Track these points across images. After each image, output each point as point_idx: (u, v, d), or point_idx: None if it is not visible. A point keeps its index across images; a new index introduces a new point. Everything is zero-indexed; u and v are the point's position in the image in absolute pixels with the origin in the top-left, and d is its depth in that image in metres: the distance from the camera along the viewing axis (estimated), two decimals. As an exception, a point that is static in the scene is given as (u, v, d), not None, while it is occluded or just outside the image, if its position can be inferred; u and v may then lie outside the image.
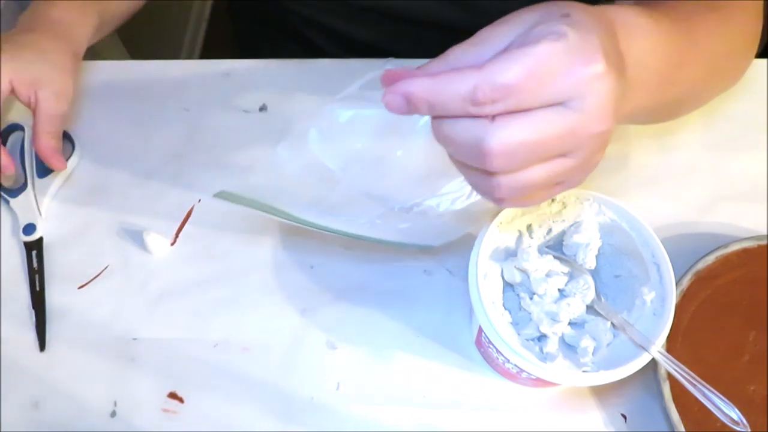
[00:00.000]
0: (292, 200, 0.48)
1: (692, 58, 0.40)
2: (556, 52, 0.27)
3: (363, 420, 0.49)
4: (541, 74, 0.27)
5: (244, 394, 0.50)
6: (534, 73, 0.27)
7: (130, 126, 0.61)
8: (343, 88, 0.49)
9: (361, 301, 0.52)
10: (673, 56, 0.37)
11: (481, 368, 0.50)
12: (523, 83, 0.27)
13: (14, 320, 0.52)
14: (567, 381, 0.41)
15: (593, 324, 0.43)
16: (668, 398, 0.46)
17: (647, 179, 0.57)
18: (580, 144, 0.30)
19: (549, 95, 0.28)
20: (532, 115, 0.28)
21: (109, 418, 0.49)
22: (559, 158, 0.30)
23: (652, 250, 0.43)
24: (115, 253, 0.55)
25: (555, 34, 0.27)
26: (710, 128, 0.59)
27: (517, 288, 0.46)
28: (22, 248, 0.55)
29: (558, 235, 0.47)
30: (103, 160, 0.59)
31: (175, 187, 0.58)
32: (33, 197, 0.56)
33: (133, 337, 0.52)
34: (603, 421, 0.48)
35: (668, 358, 0.40)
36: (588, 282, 0.44)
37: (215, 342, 0.51)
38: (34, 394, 0.50)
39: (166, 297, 0.53)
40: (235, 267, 0.54)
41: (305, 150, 0.51)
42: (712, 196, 0.56)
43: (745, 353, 0.48)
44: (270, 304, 0.53)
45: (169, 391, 0.50)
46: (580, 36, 0.28)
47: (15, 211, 0.56)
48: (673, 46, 0.37)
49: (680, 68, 0.39)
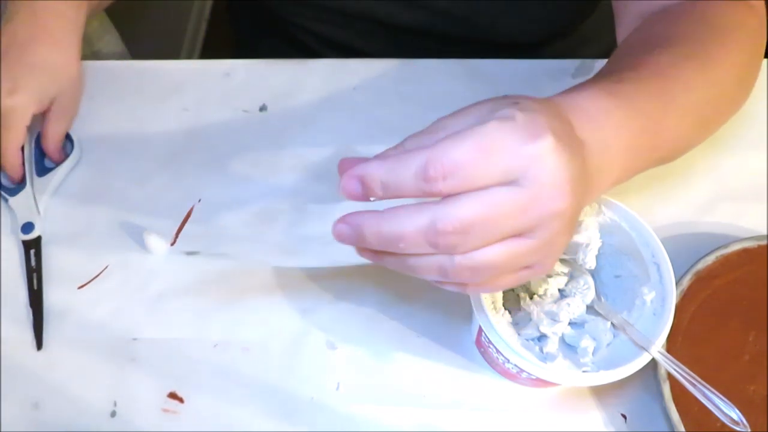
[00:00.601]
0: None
1: (671, 119, 0.39)
2: (504, 130, 0.28)
3: (363, 420, 0.49)
4: (490, 151, 0.27)
5: (244, 394, 0.50)
6: (482, 149, 0.27)
7: (130, 126, 0.60)
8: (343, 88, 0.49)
9: (361, 301, 0.52)
10: (646, 126, 0.37)
11: (481, 368, 0.50)
12: (472, 159, 0.27)
13: (14, 320, 0.52)
14: (567, 381, 0.41)
15: (593, 324, 0.43)
16: (668, 398, 0.46)
17: (647, 179, 0.57)
18: (535, 223, 0.29)
19: (499, 172, 0.28)
20: (482, 192, 0.28)
21: (109, 418, 0.49)
22: (516, 238, 0.29)
23: (652, 250, 0.43)
24: (115, 253, 0.55)
25: (504, 115, 0.28)
26: (710, 128, 0.59)
27: (517, 288, 0.46)
28: (20, 247, 0.55)
29: (558, 235, 0.47)
30: (103, 160, 0.59)
31: (175, 187, 0.58)
32: (32, 195, 0.56)
33: (133, 337, 0.52)
34: (603, 421, 0.48)
35: (668, 358, 0.40)
36: (588, 282, 0.44)
37: (215, 342, 0.51)
38: (34, 394, 0.50)
39: (166, 297, 0.53)
40: (235, 267, 0.54)
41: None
42: (712, 196, 0.56)
43: (745, 353, 0.48)
44: (270, 304, 0.53)
45: (169, 391, 0.50)
46: (527, 116, 0.28)
47: (14, 210, 0.56)
48: (643, 117, 0.36)
49: (658, 134, 0.39)
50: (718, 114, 0.46)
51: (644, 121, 0.37)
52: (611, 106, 0.35)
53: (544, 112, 0.29)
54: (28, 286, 0.53)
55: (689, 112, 0.41)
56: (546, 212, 0.29)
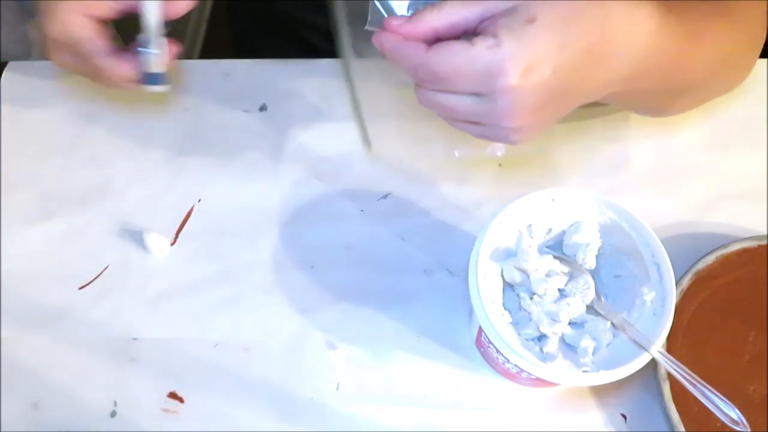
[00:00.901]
0: None
1: (695, 59, 0.42)
2: (482, 58, 0.33)
3: (363, 420, 0.49)
4: (465, 72, 0.34)
5: (244, 394, 0.50)
6: (459, 70, 0.34)
7: (131, 126, 0.61)
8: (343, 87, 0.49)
9: (361, 301, 0.52)
10: (677, 54, 0.40)
11: (481, 368, 0.50)
12: (448, 75, 0.35)
13: (14, 320, 0.52)
14: (567, 381, 0.41)
15: (593, 324, 0.43)
16: (668, 398, 0.46)
17: (647, 179, 0.57)
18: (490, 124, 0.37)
19: (470, 88, 0.35)
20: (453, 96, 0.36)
21: (109, 418, 0.49)
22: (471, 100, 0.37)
23: (652, 250, 0.43)
24: (115, 253, 0.55)
25: (492, 42, 0.33)
26: (710, 128, 0.59)
27: (517, 288, 0.46)
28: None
29: (558, 235, 0.47)
30: (103, 159, 0.59)
31: (175, 187, 0.58)
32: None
33: (133, 337, 0.52)
34: (603, 421, 0.48)
35: (668, 358, 0.40)
36: (588, 282, 0.44)
37: (215, 342, 0.51)
38: (34, 394, 0.50)
39: (166, 297, 0.53)
40: (235, 267, 0.54)
41: None
42: (712, 196, 0.56)
43: (745, 353, 0.48)
44: (270, 304, 0.53)
45: (169, 391, 0.50)
46: (511, 50, 0.33)
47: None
48: (676, 47, 0.39)
49: (681, 65, 0.41)
50: (728, 74, 0.48)
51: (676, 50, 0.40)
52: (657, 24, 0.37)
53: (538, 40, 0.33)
54: None
55: (709, 60, 0.43)
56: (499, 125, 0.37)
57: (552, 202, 0.45)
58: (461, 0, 0.36)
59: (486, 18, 0.35)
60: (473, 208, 0.56)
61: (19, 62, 0.65)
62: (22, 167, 0.59)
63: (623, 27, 0.36)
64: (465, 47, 0.34)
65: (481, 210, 0.56)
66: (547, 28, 0.33)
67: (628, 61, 0.37)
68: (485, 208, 0.56)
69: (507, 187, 0.56)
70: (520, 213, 0.45)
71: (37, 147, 0.60)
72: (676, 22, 0.39)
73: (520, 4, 0.34)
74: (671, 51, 0.39)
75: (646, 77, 0.40)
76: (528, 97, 0.34)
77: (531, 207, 0.45)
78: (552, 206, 0.46)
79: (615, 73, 0.37)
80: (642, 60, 0.37)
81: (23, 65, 0.64)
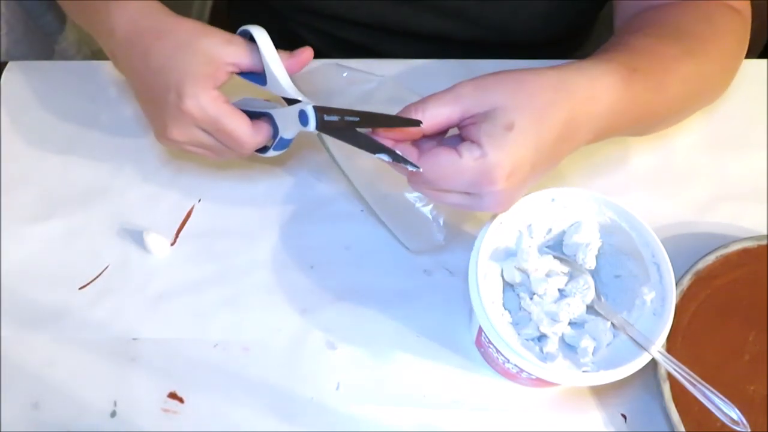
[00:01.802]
0: None
1: (664, 104, 0.45)
2: (471, 169, 0.38)
3: (363, 420, 0.49)
4: (454, 180, 0.39)
5: (244, 394, 0.50)
6: (448, 178, 0.39)
7: (131, 126, 0.61)
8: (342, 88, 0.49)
9: (361, 301, 0.52)
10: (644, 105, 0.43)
11: (481, 368, 0.50)
12: (439, 181, 0.39)
13: (14, 320, 0.52)
14: (567, 381, 0.41)
15: (593, 324, 0.43)
16: (668, 398, 0.46)
17: (647, 179, 0.57)
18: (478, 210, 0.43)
19: (460, 188, 0.39)
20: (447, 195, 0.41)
21: (109, 418, 0.49)
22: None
23: (652, 250, 0.43)
24: (115, 253, 0.55)
25: (478, 153, 0.37)
26: (710, 128, 0.59)
27: (517, 288, 0.46)
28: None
29: (558, 235, 0.47)
30: (103, 159, 0.59)
31: (175, 187, 0.58)
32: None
33: (133, 337, 0.52)
34: (603, 421, 0.48)
35: (668, 358, 0.40)
36: (588, 282, 0.44)
37: (215, 342, 0.51)
38: (34, 394, 0.50)
39: (166, 297, 0.53)
40: (235, 267, 0.54)
41: None
42: (712, 196, 0.56)
43: (745, 353, 0.48)
44: (270, 304, 0.53)
45: (169, 391, 0.50)
46: (495, 160, 0.37)
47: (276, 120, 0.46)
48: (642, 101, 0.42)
49: (649, 112, 0.44)
50: (699, 103, 0.50)
51: (640, 108, 0.43)
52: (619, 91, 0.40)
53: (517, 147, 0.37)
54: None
55: (678, 101, 0.46)
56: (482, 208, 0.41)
57: (552, 202, 0.45)
58: (440, 97, 0.39)
59: (466, 117, 0.39)
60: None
61: (19, 62, 0.65)
62: (22, 167, 0.59)
63: (586, 107, 0.39)
64: (454, 158, 0.38)
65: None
66: (525, 132, 0.37)
67: (592, 129, 0.40)
68: (485, 208, 0.56)
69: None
70: (520, 213, 0.45)
71: (37, 147, 0.60)
72: (642, 80, 0.42)
73: (498, 108, 0.38)
74: (637, 107, 0.42)
75: (613, 132, 0.43)
76: (512, 193, 0.40)
77: (531, 207, 0.45)
78: (552, 206, 0.46)
79: (582, 141, 0.41)
80: (606, 124, 0.41)
81: (23, 65, 0.64)
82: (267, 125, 0.46)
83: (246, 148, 0.45)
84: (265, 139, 0.45)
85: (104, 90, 0.63)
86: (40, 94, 0.62)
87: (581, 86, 0.39)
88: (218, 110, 0.43)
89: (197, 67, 0.42)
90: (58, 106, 0.62)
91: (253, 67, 0.44)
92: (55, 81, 0.63)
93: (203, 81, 0.42)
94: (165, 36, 0.43)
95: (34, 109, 0.62)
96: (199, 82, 0.42)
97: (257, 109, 0.47)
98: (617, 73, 0.40)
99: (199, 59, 0.42)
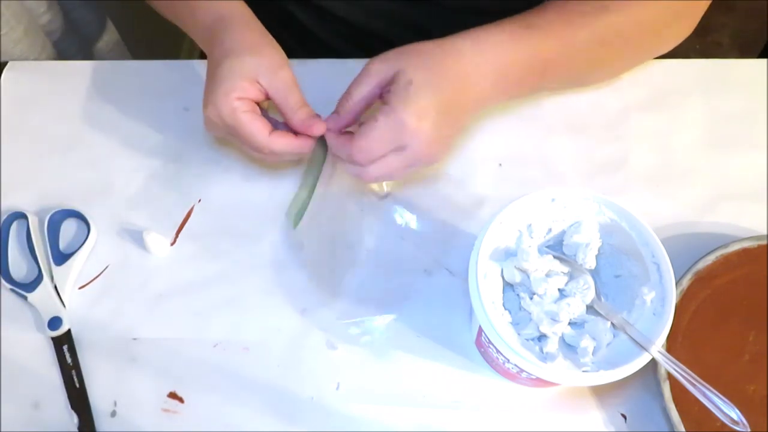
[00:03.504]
0: None
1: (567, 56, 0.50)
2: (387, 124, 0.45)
3: (363, 420, 0.49)
4: (382, 139, 0.46)
5: (244, 394, 0.50)
6: (378, 140, 0.46)
7: (131, 126, 0.61)
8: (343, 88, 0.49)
9: (361, 301, 0.52)
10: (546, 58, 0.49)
11: (481, 368, 0.50)
12: (373, 147, 0.46)
13: (14, 320, 0.53)
14: (567, 381, 0.41)
15: (593, 324, 0.43)
16: (668, 398, 0.46)
17: (647, 179, 0.57)
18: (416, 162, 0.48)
19: (390, 147, 0.46)
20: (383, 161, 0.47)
21: (109, 418, 0.49)
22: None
23: (652, 250, 0.43)
24: (115, 253, 0.55)
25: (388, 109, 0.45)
26: (710, 128, 0.59)
27: (517, 288, 0.46)
28: (51, 344, 0.51)
29: (558, 235, 0.47)
30: (103, 159, 0.59)
31: (175, 187, 0.58)
32: (52, 288, 0.52)
33: (133, 337, 0.52)
34: (603, 421, 0.48)
35: (668, 358, 0.40)
36: (588, 282, 0.44)
37: (215, 342, 0.51)
38: (34, 394, 0.50)
39: (166, 297, 0.53)
40: (235, 267, 0.54)
41: None
42: (712, 196, 0.56)
43: (745, 353, 0.48)
44: (270, 304, 0.53)
45: (169, 391, 0.50)
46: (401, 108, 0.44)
47: (35, 307, 0.52)
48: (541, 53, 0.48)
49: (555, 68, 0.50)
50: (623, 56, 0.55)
51: (534, 60, 0.48)
52: (510, 44, 0.47)
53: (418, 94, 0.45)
54: (67, 386, 0.49)
55: (590, 51, 0.51)
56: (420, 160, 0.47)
57: (552, 202, 0.45)
58: (357, 80, 0.47)
59: (383, 84, 0.47)
60: (473, 208, 0.56)
61: (19, 62, 0.65)
62: (22, 167, 0.59)
63: (474, 59, 0.47)
64: (373, 124, 0.45)
65: (481, 210, 0.56)
66: (422, 85, 0.45)
67: (489, 80, 0.47)
68: (485, 208, 0.56)
69: (507, 187, 0.56)
70: (520, 213, 0.45)
71: (37, 147, 0.60)
72: (539, 35, 0.48)
73: (399, 71, 0.46)
74: (536, 58, 0.48)
75: (523, 83, 0.49)
76: (428, 131, 0.45)
77: (531, 207, 0.45)
78: (552, 206, 0.46)
79: (481, 90, 0.47)
80: (503, 75, 0.47)
81: (23, 65, 0.64)
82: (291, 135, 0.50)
83: (266, 153, 0.49)
84: (285, 147, 0.49)
85: (104, 90, 0.63)
86: (40, 94, 0.62)
87: (466, 45, 0.47)
88: (234, 120, 0.47)
89: (230, 81, 0.47)
90: (58, 106, 0.62)
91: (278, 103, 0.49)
92: (55, 81, 0.63)
93: (229, 92, 0.47)
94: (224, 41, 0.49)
95: (34, 109, 0.62)
96: (223, 91, 0.47)
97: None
98: (505, 32, 0.47)
99: (234, 73, 0.47)
